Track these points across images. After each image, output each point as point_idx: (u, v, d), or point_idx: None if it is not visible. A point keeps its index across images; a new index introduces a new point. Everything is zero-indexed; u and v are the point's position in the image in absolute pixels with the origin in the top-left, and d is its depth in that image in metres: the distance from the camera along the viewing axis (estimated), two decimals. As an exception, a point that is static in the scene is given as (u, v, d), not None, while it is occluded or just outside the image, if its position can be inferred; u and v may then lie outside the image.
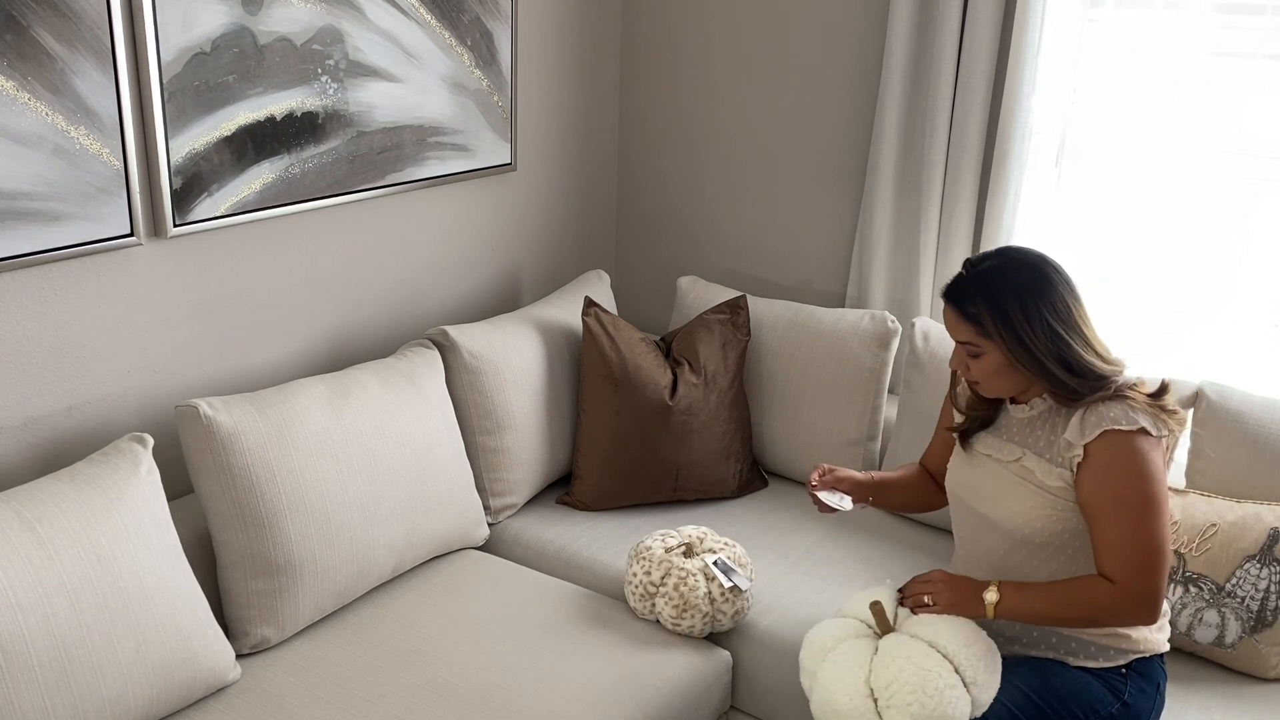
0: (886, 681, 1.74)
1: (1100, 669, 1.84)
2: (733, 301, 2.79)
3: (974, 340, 1.83)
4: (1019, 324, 1.78)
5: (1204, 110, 2.48)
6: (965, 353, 1.86)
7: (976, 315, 1.81)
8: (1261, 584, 2.08)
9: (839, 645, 1.85)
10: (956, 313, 1.84)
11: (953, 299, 1.85)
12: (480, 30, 2.74)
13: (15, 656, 1.63)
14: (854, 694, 1.76)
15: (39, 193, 1.94)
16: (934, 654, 1.75)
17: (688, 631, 2.20)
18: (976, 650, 1.77)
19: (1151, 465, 1.76)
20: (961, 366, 1.88)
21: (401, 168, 2.63)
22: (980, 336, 1.82)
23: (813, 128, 3.02)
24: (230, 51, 2.19)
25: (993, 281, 1.81)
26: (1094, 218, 2.68)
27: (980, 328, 1.81)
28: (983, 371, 1.85)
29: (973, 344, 1.84)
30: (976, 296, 1.82)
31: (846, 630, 1.87)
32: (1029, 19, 2.53)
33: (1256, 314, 2.54)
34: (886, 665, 1.76)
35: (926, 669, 1.73)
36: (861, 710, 1.75)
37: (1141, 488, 1.75)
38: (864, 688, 1.76)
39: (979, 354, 1.84)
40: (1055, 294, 1.79)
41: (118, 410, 2.19)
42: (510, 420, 2.55)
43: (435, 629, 2.16)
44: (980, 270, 1.84)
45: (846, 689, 1.77)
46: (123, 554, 1.79)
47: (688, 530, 2.33)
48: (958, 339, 1.86)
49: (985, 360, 1.83)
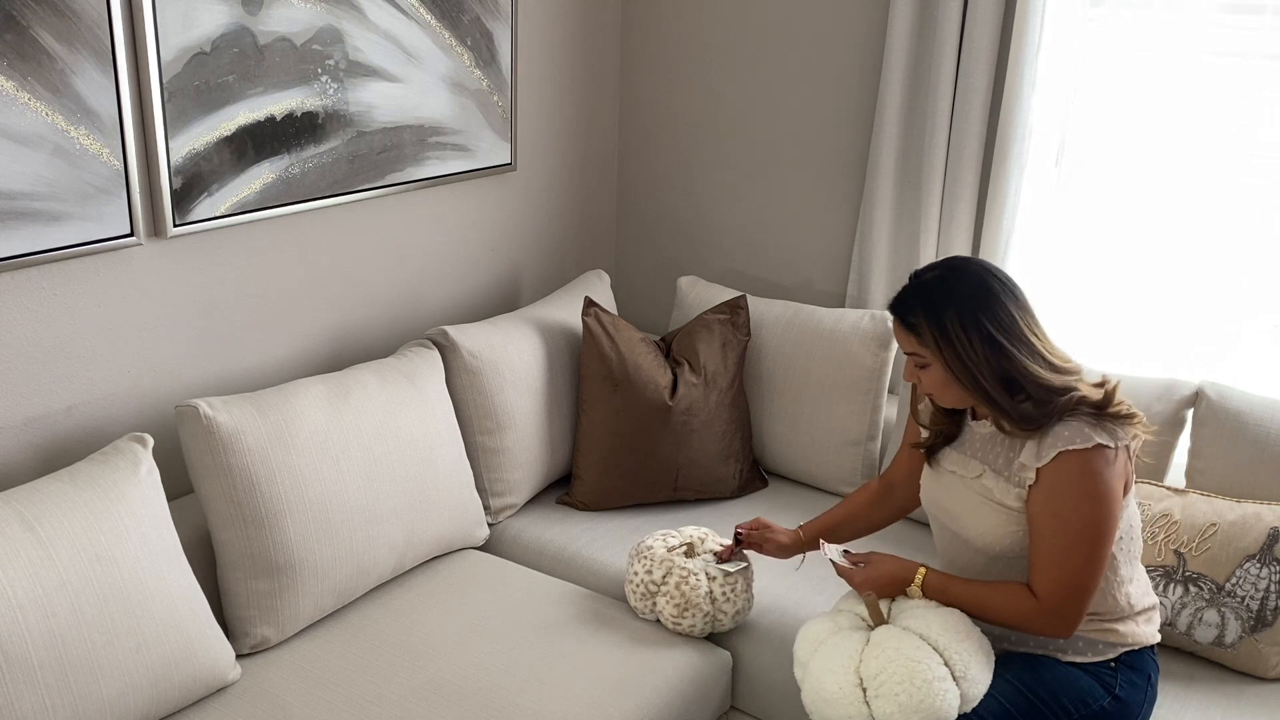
0: (875, 671, 1.75)
1: (1090, 663, 1.85)
2: (733, 301, 2.79)
3: (917, 351, 1.83)
4: (955, 336, 1.77)
5: (1204, 110, 2.48)
6: (913, 363, 1.86)
7: (916, 326, 1.81)
8: (1261, 584, 2.08)
9: (831, 637, 1.86)
10: (898, 323, 1.85)
11: (895, 309, 1.85)
12: (480, 30, 2.74)
13: (15, 656, 1.62)
14: (843, 682, 1.77)
15: (39, 193, 1.94)
16: (925, 646, 1.76)
17: (688, 631, 2.20)
18: (968, 645, 1.78)
19: (1101, 485, 1.74)
20: (914, 378, 1.88)
21: (401, 168, 2.63)
22: (921, 347, 1.82)
23: (813, 128, 3.02)
24: (230, 51, 2.19)
25: (935, 292, 1.81)
26: (1094, 217, 2.68)
27: (920, 339, 1.82)
28: (932, 383, 1.85)
29: (917, 354, 1.84)
30: (917, 307, 1.82)
31: (840, 623, 1.89)
32: (1029, 19, 2.53)
33: (1256, 314, 2.53)
34: (876, 655, 1.77)
35: (916, 660, 1.73)
36: (850, 699, 1.76)
37: (1084, 511, 1.74)
38: (854, 676, 1.77)
39: (925, 364, 1.84)
40: (998, 304, 1.78)
41: (118, 410, 2.19)
42: (510, 420, 2.55)
43: (435, 629, 2.16)
44: (923, 281, 1.84)
45: (836, 677, 1.78)
46: (123, 554, 1.79)
47: (689, 530, 2.33)
48: (904, 350, 1.87)
49: (932, 372, 1.83)
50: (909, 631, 1.79)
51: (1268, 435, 2.23)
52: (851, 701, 1.76)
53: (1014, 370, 1.76)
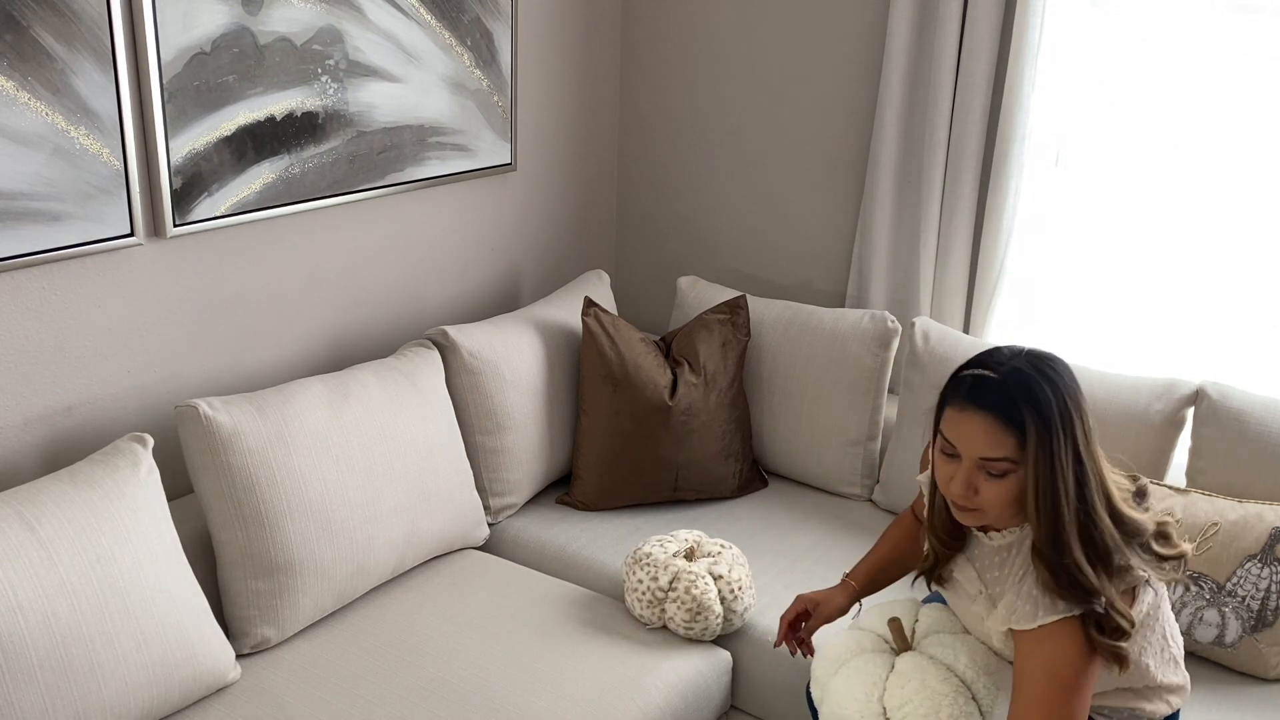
0: (900, 702, 1.68)
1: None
2: (733, 301, 2.79)
3: (1010, 456, 1.49)
4: (1057, 446, 1.47)
5: (1204, 110, 2.48)
6: (987, 470, 1.52)
7: (1021, 425, 1.47)
8: (1262, 584, 2.08)
9: (854, 659, 1.79)
10: (994, 419, 1.49)
11: (987, 404, 1.50)
12: (480, 30, 2.74)
13: (15, 656, 1.62)
14: (865, 710, 1.71)
15: (39, 193, 1.94)
16: (952, 679, 1.69)
17: (700, 636, 2.18)
18: (996, 679, 1.71)
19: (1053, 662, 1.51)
20: (969, 490, 1.54)
21: (401, 168, 2.63)
22: (1019, 450, 1.49)
23: (813, 127, 3.02)
24: (230, 51, 2.19)
25: (1034, 387, 1.49)
26: (1094, 217, 2.68)
27: (1020, 441, 1.48)
28: (999, 497, 1.52)
29: (1007, 460, 1.49)
30: (1022, 403, 1.47)
31: (863, 644, 1.81)
32: (1029, 19, 2.53)
33: (1257, 313, 2.53)
34: (901, 685, 1.70)
35: (942, 694, 1.66)
36: None
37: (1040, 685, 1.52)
38: (877, 705, 1.71)
39: (1006, 474, 1.51)
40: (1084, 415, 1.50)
41: (118, 410, 2.19)
42: (510, 420, 2.55)
43: (435, 629, 2.16)
44: (1016, 370, 1.51)
45: (858, 704, 1.72)
46: (123, 554, 1.79)
47: (682, 534, 2.32)
48: (986, 455, 1.51)
49: (1009, 482, 1.51)
50: (936, 661, 1.72)
51: (1269, 435, 2.23)
52: None
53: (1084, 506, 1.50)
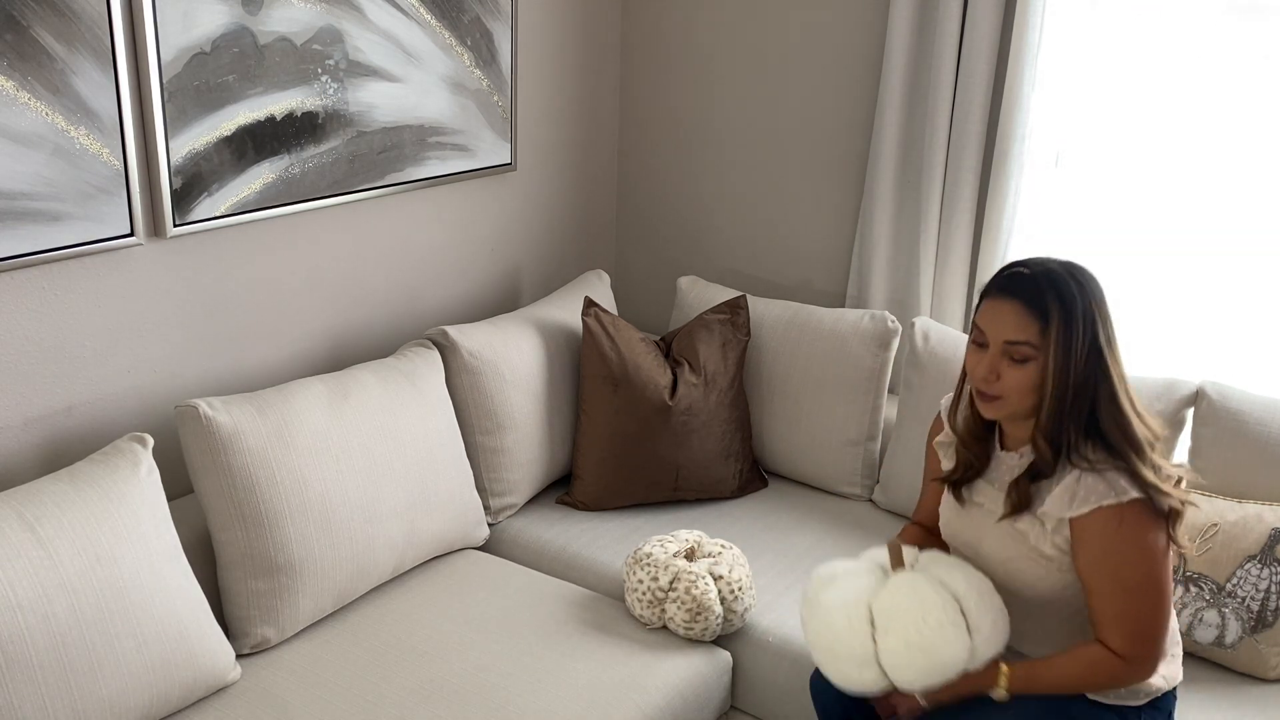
0: (888, 607, 1.68)
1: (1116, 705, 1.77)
2: (733, 301, 2.79)
3: (1031, 340, 1.66)
4: (1076, 334, 1.64)
5: (1204, 110, 2.48)
6: (1011, 354, 1.67)
7: (1046, 312, 1.64)
8: (1262, 584, 2.08)
9: (847, 577, 1.78)
10: (1022, 305, 1.66)
11: (1018, 291, 1.67)
12: (480, 30, 2.74)
13: (15, 656, 1.62)
14: (853, 615, 1.70)
15: (39, 193, 1.94)
16: (944, 591, 1.69)
17: (700, 636, 2.18)
18: (987, 603, 1.70)
19: (1146, 536, 1.65)
20: (992, 374, 1.69)
21: (401, 168, 2.63)
22: (1040, 336, 1.65)
23: (813, 128, 3.02)
24: (230, 51, 2.19)
25: (1066, 281, 1.66)
26: (1094, 218, 2.68)
27: (1043, 327, 1.65)
28: (1019, 384, 1.68)
29: (1029, 344, 1.66)
30: (1048, 294, 1.65)
31: (859, 567, 1.81)
32: (1029, 19, 2.53)
33: (1257, 313, 2.53)
34: (892, 593, 1.70)
35: (931, 601, 1.66)
36: (858, 632, 1.69)
37: (1140, 565, 1.66)
38: (864, 610, 1.70)
39: (1027, 360, 1.67)
40: (1109, 322, 1.68)
41: (118, 410, 2.19)
42: (510, 420, 2.55)
43: (435, 629, 2.16)
44: (1051, 269, 1.68)
45: (846, 610, 1.71)
46: (123, 554, 1.79)
47: (683, 534, 2.33)
48: (1011, 337, 1.67)
49: (1028, 371, 1.67)
50: (930, 577, 1.72)
51: (1268, 435, 2.23)
52: (858, 634, 1.69)
53: (1102, 395, 1.66)
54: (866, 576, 1.78)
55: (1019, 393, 1.69)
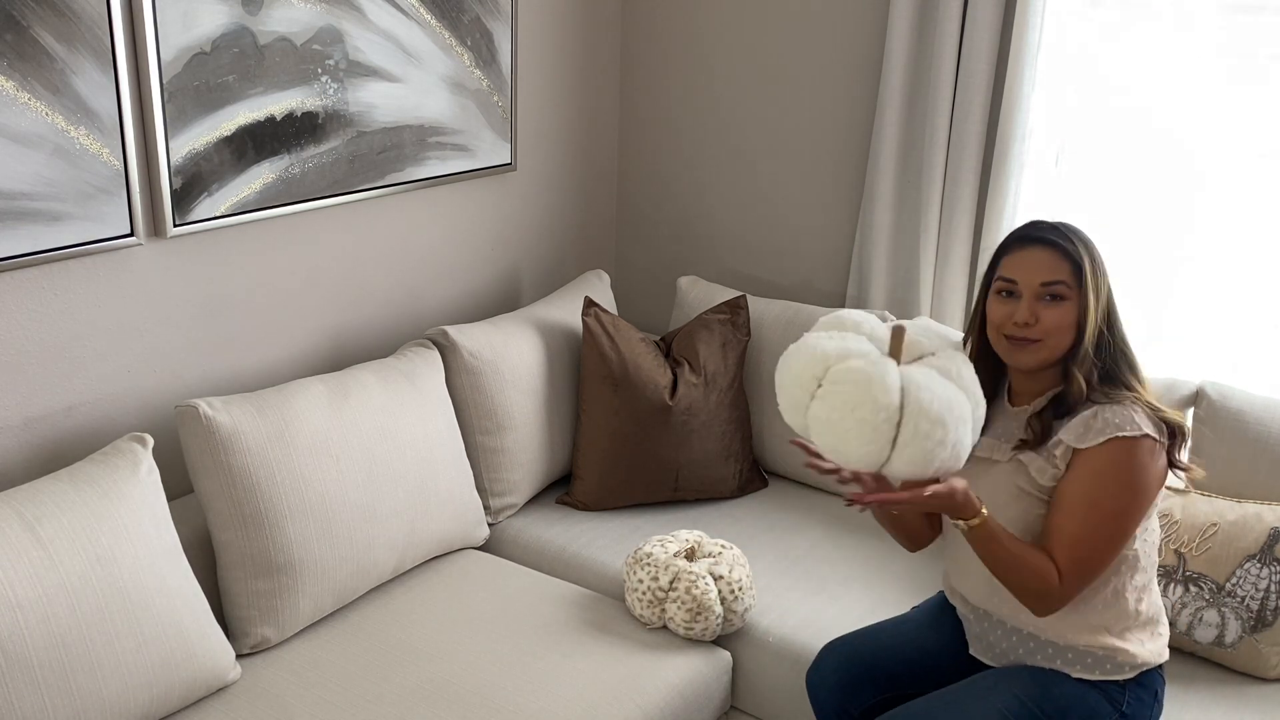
0: (838, 377, 1.60)
1: (1099, 680, 1.80)
2: (733, 301, 2.79)
3: (1065, 280, 1.75)
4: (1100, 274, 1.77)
5: (1204, 110, 2.48)
6: (1049, 294, 1.76)
7: (1076, 254, 1.75)
8: (1262, 584, 2.08)
9: (847, 333, 1.72)
10: (1055, 250, 1.76)
11: (1047, 237, 1.78)
12: (480, 30, 2.74)
13: (15, 656, 1.63)
14: (810, 366, 1.64)
15: (39, 193, 1.94)
16: (898, 400, 1.58)
17: (699, 636, 2.18)
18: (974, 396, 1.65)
19: (1143, 478, 1.72)
20: (1031, 315, 1.76)
21: (401, 168, 2.63)
22: (1073, 275, 1.75)
23: (813, 127, 3.02)
24: (230, 51, 2.19)
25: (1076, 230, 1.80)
26: (1094, 218, 2.67)
27: (1075, 267, 1.75)
28: (1058, 322, 1.76)
29: (1064, 283, 1.75)
30: (1073, 235, 1.77)
31: (870, 329, 1.74)
32: (1029, 19, 2.53)
33: (1257, 313, 2.53)
34: (851, 370, 1.61)
35: (870, 401, 1.57)
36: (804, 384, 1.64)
37: (1120, 500, 1.72)
38: (821, 370, 1.63)
39: (1064, 299, 1.76)
40: None
41: (118, 410, 2.19)
42: (510, 420, 2.55)
43: (435, 629, 2.16)
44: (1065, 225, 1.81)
45: (810, 359, 1.65)
46: (123, 554, 1.79)
47: (683, 534, 2.33)
48: (1047, 279, 1.76)
49: (1064, 309, 1.76)
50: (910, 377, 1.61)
51: (1269, 435, 2.23)
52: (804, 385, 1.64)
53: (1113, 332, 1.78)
54: (860, 343, 1.68)
55: (1058, 331, 1.76)
